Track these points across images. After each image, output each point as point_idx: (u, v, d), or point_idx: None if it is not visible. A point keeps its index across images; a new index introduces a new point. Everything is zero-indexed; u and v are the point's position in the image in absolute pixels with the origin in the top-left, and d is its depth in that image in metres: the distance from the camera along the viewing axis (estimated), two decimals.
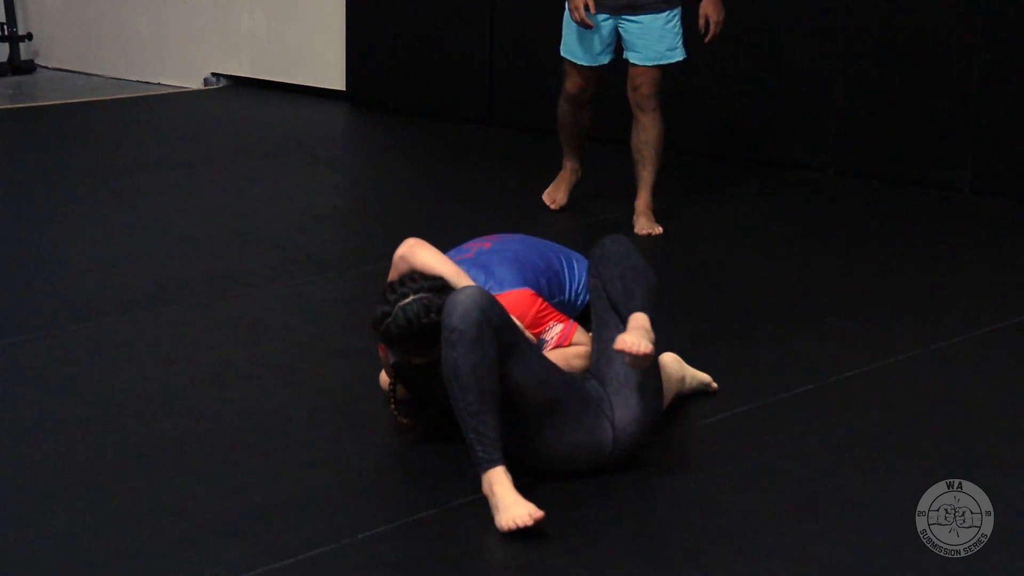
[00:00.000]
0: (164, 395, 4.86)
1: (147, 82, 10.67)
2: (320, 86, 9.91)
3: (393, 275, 4.43)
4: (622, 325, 4.23)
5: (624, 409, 4.18)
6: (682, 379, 4.68)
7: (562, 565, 3.76)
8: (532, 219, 6.68)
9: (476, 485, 4.07)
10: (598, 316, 4.38)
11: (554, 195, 7.10)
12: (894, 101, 7.67)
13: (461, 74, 9.22)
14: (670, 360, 4.68)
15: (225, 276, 6.08)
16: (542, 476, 4.14)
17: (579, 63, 6.77)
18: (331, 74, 9.82)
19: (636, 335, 4.12)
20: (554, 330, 4.54)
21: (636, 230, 6.65)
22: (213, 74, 10.46)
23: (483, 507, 4.03)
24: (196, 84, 10.47)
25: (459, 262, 4.60)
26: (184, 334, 5.45)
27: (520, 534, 3.85)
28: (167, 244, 6.58)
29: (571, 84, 6.85)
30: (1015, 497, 4.13)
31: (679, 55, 6.69)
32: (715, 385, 4.79)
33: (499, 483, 3.94)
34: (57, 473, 4.30)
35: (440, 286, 4.28)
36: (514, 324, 4.11)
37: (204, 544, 3.86)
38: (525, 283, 4.60)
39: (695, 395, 4.73)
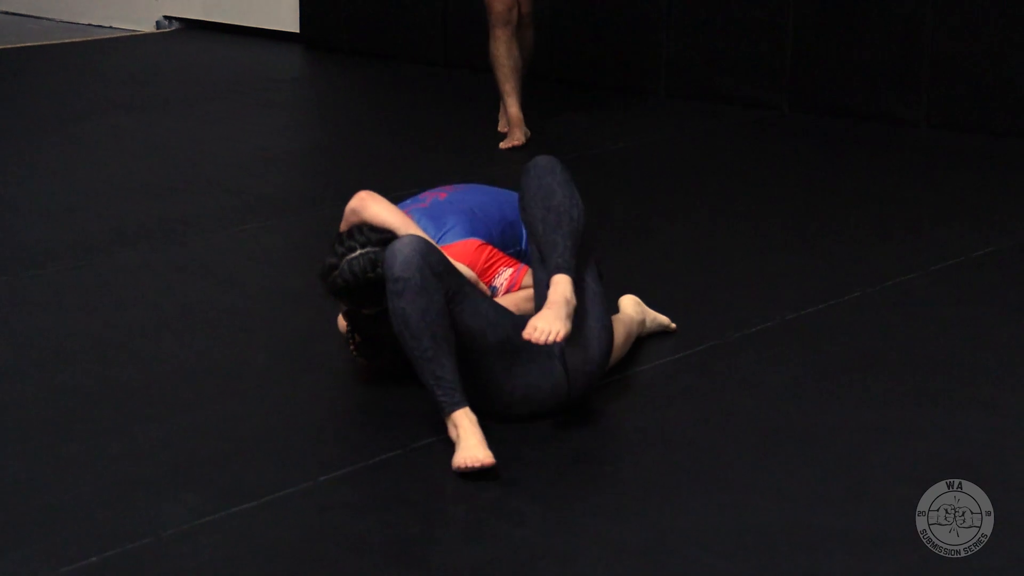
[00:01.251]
0: (119, 340, 4.84)
1: (99, 25, 10.58)
2: (274, 28, 9.85)
3: (343, 227, 4.41)
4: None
5: (575, 350, 4.18)
6: (642, 322, 4.69)
7: (522, 504, 3.77)
8: (488, 160, 6.68)
9: (437, 427, 4.08)
10: (533, 252, 4.32)
11: (511, 141, 7.07)
12: (848, 36, 7.67)
13: (415, 15, 9.18)
14: (629, 304, 4.68)
15: (180, 220, 6.05)
16: (502, 420, 4.15)
17: None
18: (285, 16, 9.76)
19: (548, 317, 4.03)
20: (504, 275, 4.52)
21: (505, 144, 7.04)
22: (165, 17, 10.38)
23: (444, 448, 4.04)
24: (148, 27, 10.39)
25: (412, 212, 4.58)
26: (139, 279, 5.43)
27: (479, 475, 3.86)
28: (121, 189, 6.54)
29: (498, 4, 6.95)
30: (970, 430, 4.17)
31: None
32: (674, 326, 4.79)
33: (462, 424, 3.94)
34: (12, 419, 4.28)
35: (388, 239, 4.26)
36: (455, 270, 4.09)
37: (163, 488, 3.85)
38: (475, 233, 4.57)
39: (654, 335, 4.75)
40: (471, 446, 3.90)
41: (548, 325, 4.02)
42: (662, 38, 8.21)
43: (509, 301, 4.41)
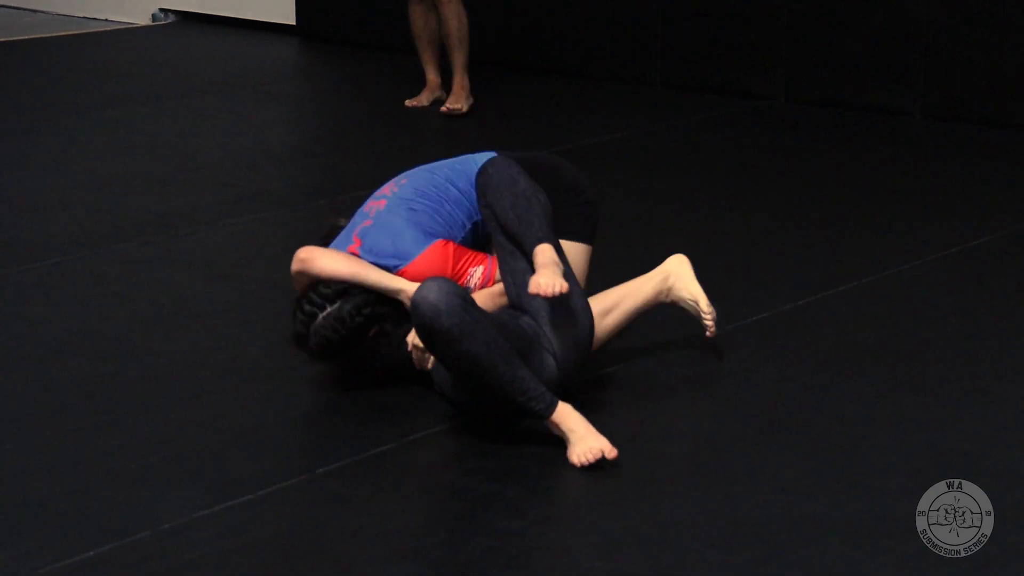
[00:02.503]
0: (116, 334, 4.85)
1: (94, 18, 10.56)
2: (269, 20, 9.83)
3: (297, 289, 4.41)
4: (526, 259, 4.20)
5: (560, 337, 4.16)
6: (664, 290, 4.52)
7: (518, 496, 3.78)
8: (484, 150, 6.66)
9: (434, 419, 4.09)
10: (500, 246, 4.29)
11: (420, 100, 7.68)
12: (844, 27, 7.67)
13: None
14: (663, 273, 4.55)
15: (176, 214, 6.05)
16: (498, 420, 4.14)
17: None
18: (281, 8, 9.74)
19: (547, 273, 4.08)
20: (476, 274, 4.43)
21: (446, 108, 7.50)
22: (161, 10, 10.36)
23: (440, 440, 4.05)
24: (144, 20, 10.37)
25: (363, 232, 4.46)
26: (136, 272, 5.43)
27: (475, 468, 3.86)
28: (117, 183, 6.53)
29: None
30: (966, 419, 4.17)
31: None
32: (708, 321, 4.50)
33: (568, 416, 3.95)
34: (8, 413, 4.28)
35: (342, 289, 4.27)
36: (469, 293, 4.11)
37: (160, 482, 3.86)
38: (432, 232, 4.44)
39: (648, 326, 4.70)
40: (582, 437, 3.91)
41: (550, 279, 4.05)
42: (658, 28, 8.21)
43: (485, 298, 4.35)
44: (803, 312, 4.96)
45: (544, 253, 4.15)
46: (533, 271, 4.13)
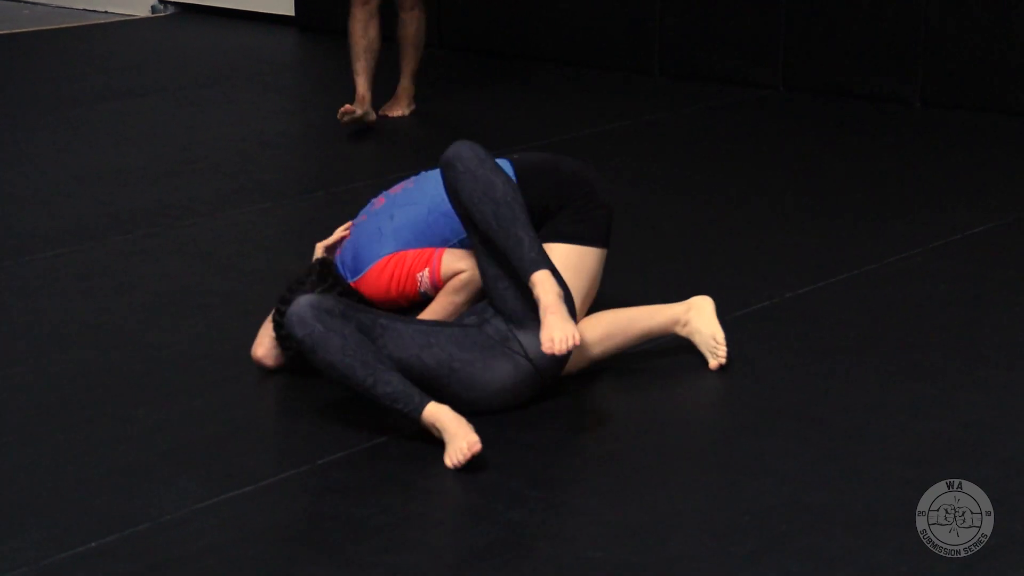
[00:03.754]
0: (116, 325, 4.84)
1: (94, 10, 10.54)
2: (269, 12, 9.82)
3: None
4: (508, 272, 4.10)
5: (534, 339, 4.05)
6: (675, 322, 4.40)
7: (520, 486, 3.77)
8: (483, 141, 6.64)
9: None
10: (476, 247, 4.16)
11: (345, 112, 7.04)
12: (843, 15, 7.66)
13: None
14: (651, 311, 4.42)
15: (176, 205, 6.04)
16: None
17: None
18: (280, 0, 9.73)
19: (557, 325, 3.90)
20: (424, 278, 4.28)
21: (386, 111, 7.30)
22: (160, 1, 10.35)
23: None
24: (143, 12, 10.36)
25: (354, 226, 4.47)
26: (136, 263, 5.42)
27: (474, 461, 3.86)
28: (117, 174, 6.53)
29: None
30: (967, 408, 4.17)
31: None
32: (715, 362, 4.37)
33: (437, 416, 3.89)
34: (10, 405, 4.28)
35: (316, 279, 4.32)
36: (362, 307, 4.04)
37: (161, 473, 3.85)
38: (396, 247, 4.32)
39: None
40: (454, 435, 3.84)
41: (561, 331, 3.90)
42: (657, 17, 8.19)
43: (439, 308, 4.28)
44: (804, 301, 4.96)
45: (543, 287, 3.97)
46: (511, 277, 4.07)
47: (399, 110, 7.36)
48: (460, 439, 3.83)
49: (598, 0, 8.34)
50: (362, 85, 7.17)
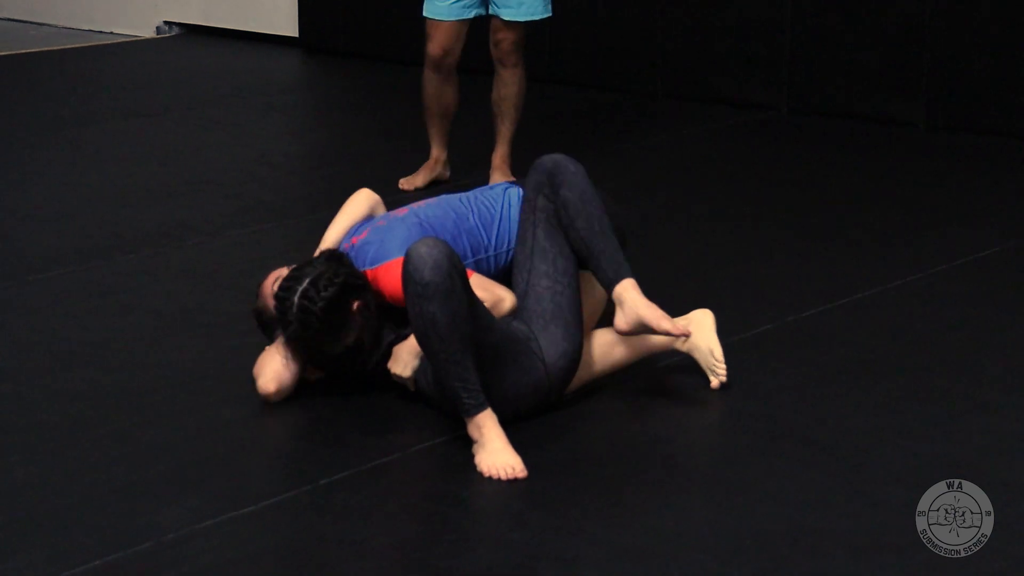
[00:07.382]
0: (121, 344, 4.85)
1: (99, 31, 10.58)
2: (273, 33, 9.84)
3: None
4: (579, 271, 4.25)
5: (551, 345, 4.17)
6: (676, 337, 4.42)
7: (523, 508, 3.78)
8: (484, 164, 6.66)
9: (437, 430, 4.08)
10: (524, 243, 4.29)
11: (413, 181, 6.65)
12: (847, 37, 7.67)
13: (412, 17, 9.16)
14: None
15: (181, 225, 6.05)
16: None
17: (441, 19, 6.48)
18: (284, 20, 9.76)
19: (662, 321, 4.18)
20: None
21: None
22: (165, 22, 10.38)
23: (443, 452, 4.04)
24: (148, 33, 10.39)
25: (375, 230, 4.47)
26: (141, 283, 5.43)
27: (478, 478, 3.86)
28: (122, 194, 6.54)
29: (433, 45, 6.55)
30: (972, 432, 4.17)
31: (549, 11, 6.46)
32: (715, 380, 4.42)
33: (487, 425, 3.94)
34: (14, 423, 4.28)
35: (315, 272, 4.24)
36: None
37: (164, 492, 3.85)
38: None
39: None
40: (498, 450, 3.91)
41: (673, 327, 4.18)
42: (660, 39, 8.21)
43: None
44: (808, 324, 4.96)
45: (631, 294, 4.22)
46: (542, 279, 4.19)
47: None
48: (507, 456, 3.90)
49: (601, 21, 8.36)
50: (438, 146, 6.72)
